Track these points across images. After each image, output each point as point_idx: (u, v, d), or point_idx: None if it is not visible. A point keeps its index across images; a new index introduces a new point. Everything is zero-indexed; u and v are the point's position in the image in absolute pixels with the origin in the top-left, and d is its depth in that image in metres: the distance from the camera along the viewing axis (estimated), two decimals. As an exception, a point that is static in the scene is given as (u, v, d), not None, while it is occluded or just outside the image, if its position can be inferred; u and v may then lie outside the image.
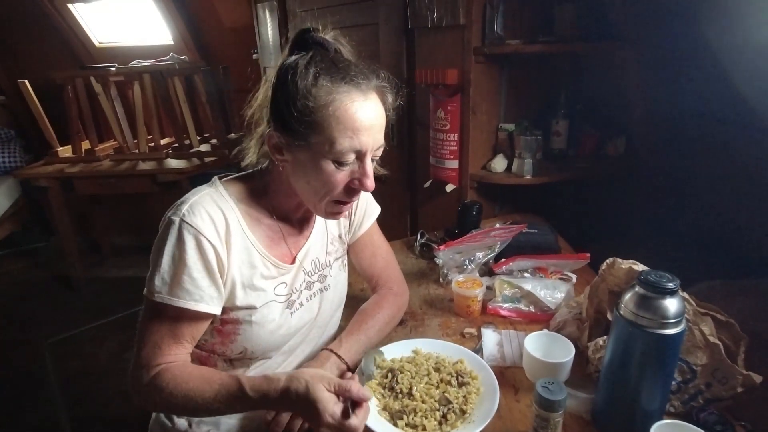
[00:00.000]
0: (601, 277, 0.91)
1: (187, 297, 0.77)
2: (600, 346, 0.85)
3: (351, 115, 0.75)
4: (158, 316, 0.79)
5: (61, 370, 2.32)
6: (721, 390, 0.77)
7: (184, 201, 0.81)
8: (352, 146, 0.76)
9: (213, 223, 0.79)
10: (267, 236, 0.88)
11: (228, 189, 0.86)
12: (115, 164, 2.80)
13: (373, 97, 0.78)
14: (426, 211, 2.12)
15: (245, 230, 0.84)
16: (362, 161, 0.79)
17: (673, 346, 0.69)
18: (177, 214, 0.79)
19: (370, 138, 0.77)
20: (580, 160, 1.84)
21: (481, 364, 0.90)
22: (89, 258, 3.37)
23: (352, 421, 0.68)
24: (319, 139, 0.76)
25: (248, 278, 0.84)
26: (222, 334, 0.86)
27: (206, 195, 0.83)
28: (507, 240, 1.24)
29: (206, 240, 0.78)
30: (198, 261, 0.78)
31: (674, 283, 0.67)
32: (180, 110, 2.82)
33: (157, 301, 0.77)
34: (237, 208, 0.84)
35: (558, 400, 0.69)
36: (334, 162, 0.77)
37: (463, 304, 1.11)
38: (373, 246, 1.10)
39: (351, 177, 0.80)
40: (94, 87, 2.70)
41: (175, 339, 0.79)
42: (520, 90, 1.86)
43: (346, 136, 0.75)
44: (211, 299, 0.80)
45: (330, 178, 0.78)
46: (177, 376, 0.77)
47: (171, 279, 0.77)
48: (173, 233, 0.78)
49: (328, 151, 0.76)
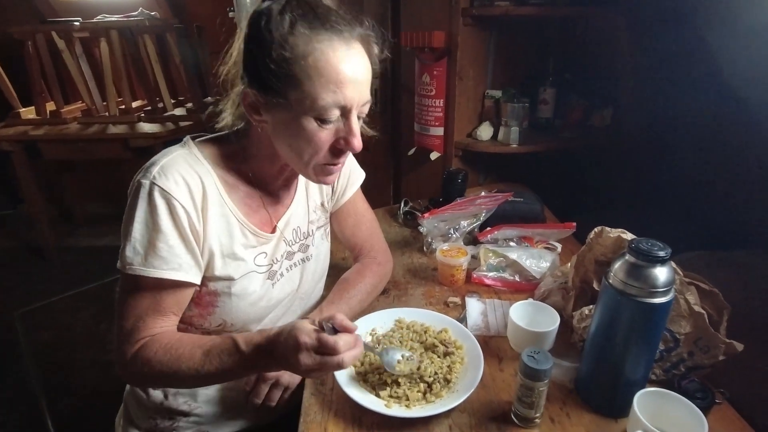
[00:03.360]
0: (588, 245, 0.90)
1: (165, 266, 0.72)
2: (585, 315, 0.84)
3: (334, 66, 0.67)
4: (136, 289, 0.74)
5: (33, 341, 2.25)
6: (703, 358, 0.77)
7: (154, 162, 0.74)
8: (335, 101, 0.69)
9: (188, 188, 0.73)
10: (245, 203, 0.82)
11: (203, 151, 0.79)
12: (84, 127, 2.65)
13: (358, 47, 0.71)
14: (410, 179, 2.08)
15: (223, 196, 0.78)
16: (348, 118, 0.72)
17: (661, 315, 0.68)
18: (147, 176, 0.72)
19: (356, 92, 0.70)
20: (567, 130, 1.82)
21: (465, 333, 0.89)
22: (61, 226, 3.25)
23: (329, 339, 0.64)
24: (298, 95, 0.68)
25: (227, 247, 0.79)
26: (200, 306, 0.82)
27: (179, 156, 0.76)
28: (492, 209, 1.21)
29: (180, 205, 0.72)
30: (173, 227, 0.72)
31: (665, 251, 0.65)
32: (152, 71, 2.67)
33: (132, 273, 0.71)
34: (214, 173, 0.78)
35: (544, 370, 0.68)
36: (316, 120, 0.70)
37: (448, 273, 1.09)
38: (356, 214, 1.06)
39: (336, 136, 0.73)
40: (57, 43, 2.52)
41: (158, 311, 0.75)
42: (508, 56, 1.81)
43: (328, 90, 0.68)
44: (190, 267, 0.75)
45: (313, 138, 0.71)
46: (165, 344, 0.73)
47: (145, 248, 0.71)
48: (143, 198, 0.71)
49: (310, 107, 0.69)
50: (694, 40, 1.38)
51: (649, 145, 1.68)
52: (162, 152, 0.77)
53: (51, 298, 2.56)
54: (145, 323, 0.74)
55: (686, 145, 1.53)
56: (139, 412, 0.92)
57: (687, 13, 1.38)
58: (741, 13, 1.23)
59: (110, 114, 2.70)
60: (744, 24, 1.23)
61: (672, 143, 1.59)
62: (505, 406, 0.77)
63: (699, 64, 1.39)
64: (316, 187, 0.96)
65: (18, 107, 2.70)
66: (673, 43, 1.50)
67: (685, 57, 1.46)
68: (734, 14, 1.26)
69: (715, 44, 1.30)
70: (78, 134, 2.59)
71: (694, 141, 1.50)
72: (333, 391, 0.81)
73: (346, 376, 0.81)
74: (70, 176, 3.27)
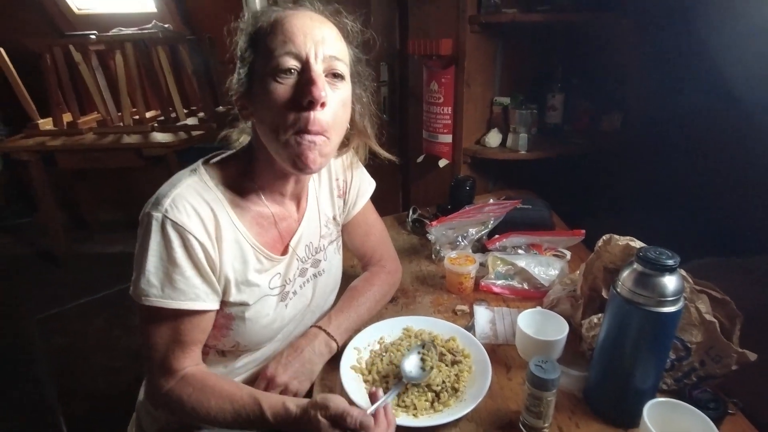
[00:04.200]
0: (596, 253, 0.89)
1: (183, 297, 0.72)
2: (594, 323, 0.84)
3: (287, 21, 0.71)
4: (157, 321, 0.74)
5: (48, 346, 2.29)
6: (715, 368, 0.76)
7: (165, 194, 0.73)
8: (286, 49, 0.70)
9: (200, 219, 0.73)
10: (257, 224, 0.82)
11: (213, 176, 0.79)
12: (99, 137, 2.71)
13: (320, 14, 0.75)
14: (418, 187, 2.08)
15: (235, 222, 0.78)
16: (307, 69, 0.70)
17: (670, 324, 0.68)
18: (158, 209, 0.71)
19: (310, 41, 0.70)
20: (576, 135, 1.81)
21: (473, 341, 0.89)
22: (75, 234, 3.30)
23: None
24: (259, 60, 0.72)
25: (241, 274, 0.79)
26: (214, 328, 0.81)
27: (189, 186, 0.75)
28: (500, 216, 1.21)
29: (194, 238, 0.71)
30: (187, 260, 0.72)
31: (674, 260, 0.65)
32: (165, 82, 2.72)
33: (149, 305, 0.71)
34: (224, 198, 0.78)
35: (551, 380, 0.68)
36: (274, 78, 0.70)
37: (456, 281, 1.09)
38: (366, 225, 1.06)
39: (297, 92, 0.70)
40: (74, 56, 2.58)
41: (183, 342, 0.75)
42: (515, 63, 1.81)
43: (279, 41, 0.70)
44: (207, 295, 0.75)
45: (272, 97, 0.70)
46: (199, 388, 0.74)
47: (160, 280, 0.71)
48: (156, 231, 0.71)
49: (267, 64, 0.70)
50: (702, 42, 1.37)
51: (659, 148, 1.66)
52: (171, 181, 0.77)
53: (65, 304, 2.59)
54: (174, 356, 0.75)
55: (696, 148, 1.51)
56: (151, 423, 0.93)
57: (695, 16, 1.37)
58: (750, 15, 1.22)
59: (124, 124, 2.75)
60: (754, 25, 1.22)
61: (682, 147, 1.57)
62: (513, 415, 0.76)
63: (708, 67, 1.38)
64: (328, 200, 0.96)
65: (36, 118, 2.77)
66: (681, 45, 1.49)
67: (694, 59, 1.45)
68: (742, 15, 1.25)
69: (724, 46, 1.29)
70: (93, 144, 2.64)
71: (705, 144, 1.48)
72: (341, 399, 0.81)
73: (354, 384, 0.81)
74: (83, 185, 3.33)
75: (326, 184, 0.96)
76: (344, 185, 0.99)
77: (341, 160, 0.97)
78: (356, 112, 0.84)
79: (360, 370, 0.85)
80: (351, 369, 0.85)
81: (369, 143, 0.92)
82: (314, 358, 0.86)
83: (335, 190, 0.97)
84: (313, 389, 0.85)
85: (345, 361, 0.85)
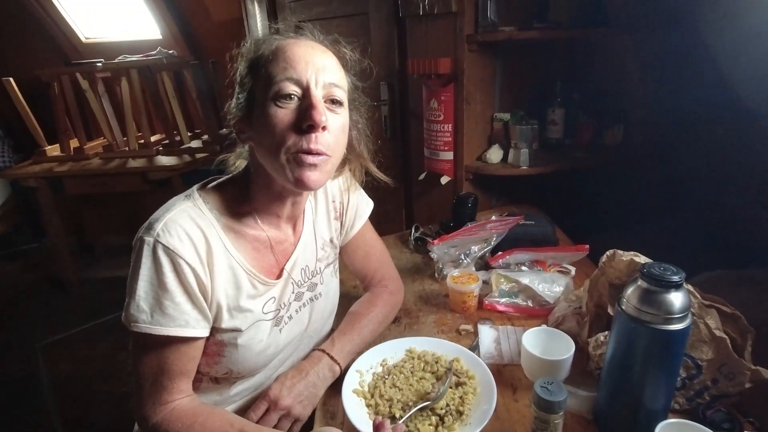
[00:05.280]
0: (600, 269, 0.88)
1: (172, 324, 0.71)
2: (601, 341, 0.82)
3: (289, 49, 0.73)
4: (146, 347, 0.73)
5: (54, 373, 2.28)
6: (728, 386, 0.74)
7: (157, 218, 0.73)
8: (287, 75, 0.71)
9: (192, 244, 0.72)
10: (252, 248, 0.81)
11: (207, 201, 0.79)
12: (105, 162, 2.75)
13: (320, 44, 0.78)
14: (421, 205, 2.08)
15: (228, 248, 0.77)
16: (307, 95, 0.72)
17: (679, 342, 0.66)
18: (150, 233, 0.71)
19: (309, 67, 0.72)
20: (577, 150, 1.80)
21: (477, 362, 0.87)
22: (81, 258, 3.32)
23: None
24: (259, 85, 0.73)
25: (234, 300, 0.78)
26: (206, 355, 0.80)
27: (182, 211, 0.75)
28: (503, 233, 1.20)
29: (185, 263, 0.71)
30: (178, 285, 0.71)
31: (679, 275, 0.63)
32: (169, 106, 2.76)
33: (138, 331, 0.71)
34: (218, 224, 0.77)
35: (558, 401, 0.66)
36: (275, 102, 0.72)
37: (459, 300, 1.08)
38: (366, 246, 1.05)
39: (299, 116, 0.72)
40: (81, 84, 2.64)
41: (172, 372, 0.74)
42: (515, 79, 1.82)
43: (280, 68, 0.72)
44: (197, 322, 0.74)
45: (273, 120, 0.71)
46: (187, 426, 0.72)
47: (150, 306, 0.70)
48: (147, 256, 0.70)
49: (268, 89, 0.72)
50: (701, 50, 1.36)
51: (662, 160, 1.65)
52: (164, 206, 0.76)
53: (71, 330, 2.59)
54: (163, 386, 0.74)
55: (701, 158, 1.50)
56: None
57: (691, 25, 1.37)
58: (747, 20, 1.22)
59: (130, 148, 2.79)
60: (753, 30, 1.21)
61: (685, 158, 1.56)
62: (521, 439, 0.74)
63: (709, 75, 1.37)
64: (325, 222, 0.96)
65: (44, 145, 2.82)
66: (679, 56, 1.49)
67: (694, 69, 1.45)
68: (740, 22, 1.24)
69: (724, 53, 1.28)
70: (100, 169, 2.68)
71: (709, 156, 1.47)
72: (343, 425, 0.80)
73: (357, 409, 0.79)
74: (90, 210, 3.36)
75: (323, 207, 0.96)
76: (341, 207, 0.99)
77: (338, 183, 0.97)
78: (353, 137, 0.85)
79: (362, 394, 0.84)
80: (353, 393, 0.83)
81: (366, 165, 0.92)
82: (318, 381, 0.85)
83: (332, 212, 0.97)
84: (315, 414, 0.83)
85: (347, 384, 0.83)
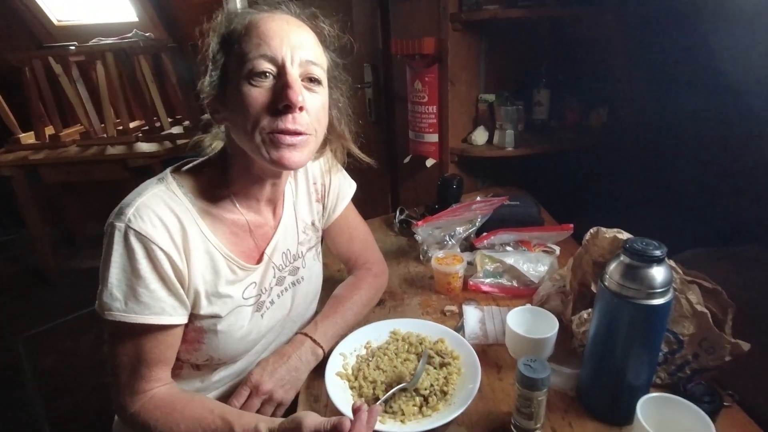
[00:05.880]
0: (584, 247, 0.87)
1: (147, 311, 0.69)
2: (584, 319, 0.82)
3: (262, 24, 0.69)
4: (122, 336, 0.71)
5: (37, 366, 2.24)
6: (709, 360, 0.74)
7: (128, 203, 0.70)
8: (260, 52, 0.67)
9: (166, 229, 0.69)
10: (231, 233, 0.78)
11: (182, 185, 0.75)
12: (82, 150, 2.67)
13: (296, 18, 0.73)
14: (407, 188, 2.07)
15: (205, 233, 0.74)
16: (283, 73, 0.69)
17: (661, 317, 0.66)
18: (121, 219, 0.68)
19: (285, 43, 0.69)
20: (563, 131, 1.80)
21: (462, 343, 0.87)
22: (63, 249, 3.25)
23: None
24: (232, 63, 0.70)
25: (212, 285, 0.75)
26: (185, 342, 0.78)
27: (155, 195, 0.71)
28: (488, 213, 1.19)
29: (159, 249, 0.68)
30: (152, 272, 0.69)
31: (661, 250, 0.63)
32: (148, 91, 2.69)
33: (113, 319, 0.68)
34: (193, 208, 0.74)
35: (541, 379, 0.66)
36: (249, 81, 0.68)
37: (444, 281, 1.07)
38: (349, 228, 1.03)
39: (274, 96, 0.69)
40: (54, 68, 2.54)
41: (149, 361, 0.72)
42: (499, 59, 1.80)
43: (253, 44, 0.68)
44: (174, 309, 0.71)
45: (246, 100, 0.68)
46: (167, 414, 0.70)
47: (124, 293, 0.68)
48: (118, 242, 0.67)
49: (242, 68, 0.68)
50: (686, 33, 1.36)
51: (647, 142, 1.65)
52: (136, 190, 0.73)
53: (54, 321, 2.54)
54: (140, 375, 0.72)
55: (684, 140, 1.50)
56: None
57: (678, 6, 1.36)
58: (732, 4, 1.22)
59: (108, 135, 2.72)
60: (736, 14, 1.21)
61: (670, 139, 1.56)
62: (505, 417, 0.74)
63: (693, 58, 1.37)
64: (306, 205, 0.94)
65: (18, 132, 2.73)
66: (665, 37, 1.48)
67: (679, 51, 1.44)
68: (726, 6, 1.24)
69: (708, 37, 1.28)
70: (77, 157, 2.60)
71: (693, 136, 1.47)
72: (327, 408, 0.79)
73: (340, 392, 0.78)
74: (70, 199, 3.28)
75: (304, 189, 0.93)
76: (323, 189, 0.96)
77: (319, 164, 0.95)
78: (334, 117, 0.83)
79: (346, 377, 0.83)
80: (336, 376, 0.82)
81: (347, 146, 0.90)
82: (300, 365, 0.83)
83: (313, 195, 0.94)
84: (298, 398, 0.82)
85: (330, 368, 0.82)
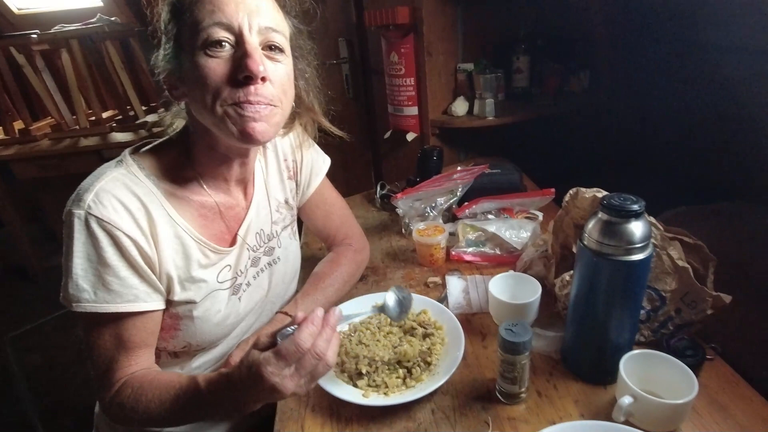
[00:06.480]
0: (564, 209, 0.86)
1: (119, 299, 0.66)
2: (566, 281, 0.81)
3: None
4: (96, 326, 0.68)
5: (25, 364, 2.21)
6: (691, 314, 0.74)
7: (86, 188, 0.65)
8: (215, 20, 0.62)
9: (130, 214, 0.66)
10: (200, 215, 0.75)
11: (143, 166, 0.71)
12: (55, 143, 2.58)
13: None
14: (389, 164, 2.03)
15: (172, 216, 0.71)
16: (241, 42, 0.64)
17: (641, 273, 0.64)
18: (80, 206, 0.64)
19: (241, 9, 0.63)
20: (544, 98, 1.77)
21: (445, 313, 0.85)
22: (45, 246, 3.17)
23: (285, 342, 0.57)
24: (185, 33, 0.64)
25: (184, 270, 0.72)
26: (161, 329, 0.75)
27: (114, 179, 0.67)
28: (469, 182, 1.17)
29: (124, 235, 0.65)
30: (120, 259, 0.65)
31: (639, 204, 0.61)
32: (119, 79, 2.59)
33: (83, 311, 0.65)
34: (158, 190, 0.70)
35: (522, 342, 0.64)
36: (204, 51, 0.63)
37: (426, 253, 1.05)
38: (325, 204, 1.00)
39: (233, 67, 0.64)
40: (17, 58, 2.43)
41: (127, 349, 0.69)
42: (477, 27, 1.75)
43: (206, 11, 0.63)
44: (148, 295, 0.68)
45: (204, 72, 0.63)
46: (137, 388, 0.68)
47: (92, 283, 0.65)
48: (80, 230, 0.64)
49: (196, 39, 0.63)
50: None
51: (629, 106, 1.63)
52: (93, 174, 0.68)
53: (40, 319, 2.50)
54: (118, 364, 0.69)
55: (665, 102, 1.49)
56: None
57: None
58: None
59: (81, 127, 2.62)
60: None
61: (651, 102, 1.54)
62: (490, 384, 0.73)
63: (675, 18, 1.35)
64: (278, 183, 0.90)
65: (-16, 128, 2.63)
66: None
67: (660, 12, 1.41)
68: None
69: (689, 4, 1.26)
70: (49, 150, 2.51)
71: (673, 98, 1.45)
72: (310, 385, 0.77)
73: (323, 369, 0.77)
74: (46, 194, 3.19)
75: (274, 167, 0.90)
76: (294, 166, 0.93)
77: (289, 140, 0.91)
78: (301, 89, 0.78)
79: (329, 354, 0.81)
80: (318, 353, 0.80)
81: (317, 119, 0.86)
82: (280, 345, 0.82)
83: (285, 172, 0.91)
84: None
85: (312, 345, 0.80)
